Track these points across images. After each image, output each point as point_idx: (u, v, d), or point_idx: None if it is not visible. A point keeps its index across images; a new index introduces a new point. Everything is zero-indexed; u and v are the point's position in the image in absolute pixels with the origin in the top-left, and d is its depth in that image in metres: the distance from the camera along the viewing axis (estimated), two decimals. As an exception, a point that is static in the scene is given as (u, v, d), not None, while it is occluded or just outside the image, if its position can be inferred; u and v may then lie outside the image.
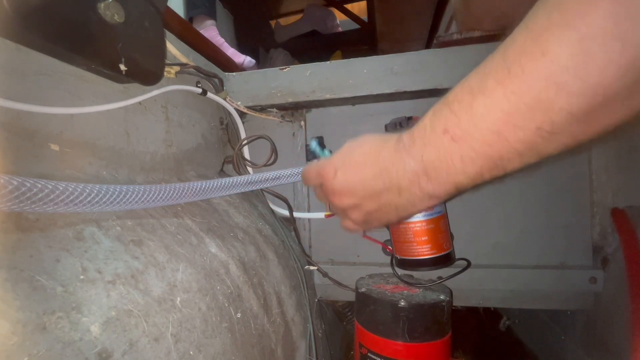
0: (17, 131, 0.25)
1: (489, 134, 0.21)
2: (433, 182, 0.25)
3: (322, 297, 0.61)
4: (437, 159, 0.24)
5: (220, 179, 0.41)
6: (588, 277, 0.50)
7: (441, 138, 0.23)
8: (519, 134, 0.20)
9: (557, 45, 0.17)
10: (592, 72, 0.16)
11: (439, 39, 0.60)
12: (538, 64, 0.18)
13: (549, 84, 0.18)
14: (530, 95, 0.18)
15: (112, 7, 0.28)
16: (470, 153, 0.22)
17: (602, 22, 0.15)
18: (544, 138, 0.19)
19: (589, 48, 0.16)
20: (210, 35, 1.21)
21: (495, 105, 0.20)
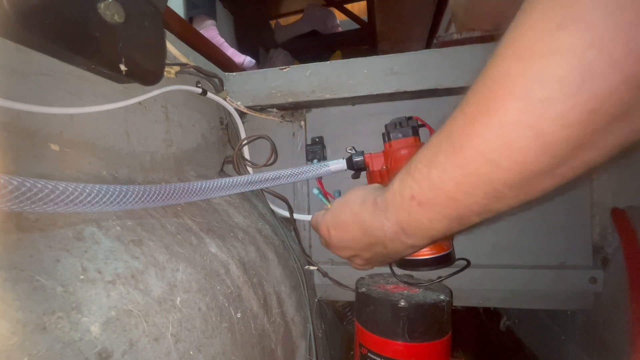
0: (17, 131, 0.25)
1: (447, 199, 0.24)
2: (411, 237, 0.29)
3: (322, 297, 0.61)
4: (410, 220, 0.27)
5: (220, 179, 0.41)
6: (588, 277, 0.50)
7: (410, 203, 0.26)
8: (471, 199, 0.23)
9: (485, 130, 0.20)
10: (515, 154, 0.19)
11: (439, 39, 0.60)
12: (474, 143, 0.21)
13: (484, 160, 0.21)
14: (472, 168, 0.21)
15: (112, 7, 0.28)
16: (435, 215, 0.25)
17: (516, 113, 0.18)
18: (493, 201, 0.22)
19: (509, 133, 0.19)
20: (210, 35, 1.21)
21: (448, 176, 0.23)
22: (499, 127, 0.19)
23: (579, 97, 0.16)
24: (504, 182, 0.21)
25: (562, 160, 0.19)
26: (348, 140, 0.57)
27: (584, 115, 0.17)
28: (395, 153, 0.46)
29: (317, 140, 0.57)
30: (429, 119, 0.48)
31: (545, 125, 0.18)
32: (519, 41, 0.18)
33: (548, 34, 0.17)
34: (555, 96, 0.17)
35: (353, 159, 0.48)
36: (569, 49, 0.16)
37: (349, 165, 0.49)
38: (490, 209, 0.23)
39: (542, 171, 0.20)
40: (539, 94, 0.17)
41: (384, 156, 0.47)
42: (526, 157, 0.19)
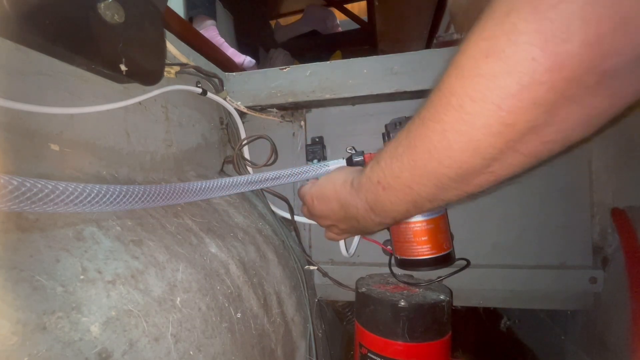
0: (17, 131, 0.25)
1: (404, 187, 0.28)
2: (378, 215, 0.34)
3: (322, 297, 0.61)
4: (376, 201, 0.32)
5: (220, 179, 0.41)
6: (588, 277, 0.50)
7: (376, 187, 0.31)
8: (423, 188, 0.27)
9: (432, 133, 0.24)
10: (453, 154, 0.23)
11: (439, 39, 0.60)
12: (424, 143, 0.25)
13: (431, 158, 0.25)
14: (422, 163, 0.26)
15: (112, 7, 0.28)
16: (395, 199, 0.30)
17: (454, 122, 0.22)
18: (440, 191, 0.27)
19: (449, 138, 0.23)
20: (210, 35, 1.21)
21: (404, 167, 0.27)
22: (442, 132, 0.23)
23: (498, 113, 0.20)
24: (447, 176, 0.25)
25: (490, 161, 0.23)
26: (348, 140, 0.57)
27: (502, 128, 0.21)
28: (395, 153, 0.46)
29: (317, 140, 0.57)
30: (429, 119, 0.48)
31: (474, 133, 0.22)
32: (459, 63, 0.22)
33: (477, 61, 0.21)
34: (480, 111, 0.21)
35: (353, 159, 0.48)
36: (491, 74, 0.20)
37: (349, 165, 0.49)
38: (440, 197, 0.28)
39: (475, 169, 0.24)
40: (471, 108, 0.21)
41: (384, 156, 0.47)
42: (461, 157, 0.23)
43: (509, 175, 0.24)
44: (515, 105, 0.20)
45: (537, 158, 0.23)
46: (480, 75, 0.20)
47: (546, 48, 0.18)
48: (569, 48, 0.17)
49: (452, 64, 0.23)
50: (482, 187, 0.26)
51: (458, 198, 0.28)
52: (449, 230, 0.48)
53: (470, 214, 0.54)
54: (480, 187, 0.26)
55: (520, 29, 0.18)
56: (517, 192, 0.52)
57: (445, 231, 0.46)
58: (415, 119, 0.26)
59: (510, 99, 0.19)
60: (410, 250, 0.45)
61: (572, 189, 0.51)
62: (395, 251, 0.48)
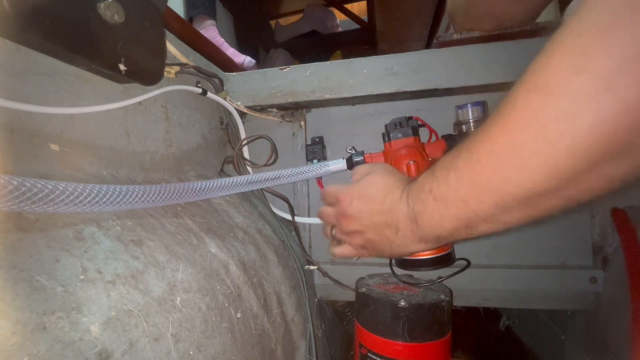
0: (17, 131, 0.25)
1: (459, 200, 0.26)
2: (420, 229, 0.31)
3: (322, 297, 0.61)
4: (423, 211, 0.30)
5: (220, 179, 0.41)
6: (588, 277, 0.50)
7: (427, 196, 0.29)
8: (480, 205, 0.25)
9: (502, 148, 0.23)
10: (525, 173, 0.22)
11: (439, 39, 0.60)
12: (491, 159, 0.23)
13: (497, 174, 0.23)
14: (486, 179, 0.24)
15: (112, 7, 0.28)
16: (446, 212, 0.28)
17: (532, 140, 0.21)
18: (501, 211, 0.24)
19: (523, 155, 0.21)
20: (210, 35, 1.21)
21: (463, 181, 0.26)
22: (515, 151, 0.22)
23: (588, 135, 0.18)
24: (513, 196, 0.23)
25: (566, 184, 0.21)
26: (348, 140, 0.57)
27: (592, 150, 0.19)
28: (395, 153, 0.46)
29: (317, 140, 0.57)
30: (429, 119, 0.48)
31: (555, 154, 0.20)
32: (540, 78, 0.20)
33: (565, 77, 0.19)
34: (567, 132, 0.19)
35: (353, 159, 0.48)
36: (585, 92, 0.18)
37: (349, 165, 0.49)
38: (498, 219, 0.25)
39: (547, 191, 0.22)
40: (555, 127, 0.19)
41: (384, 156, 0.47)
42: (535, 177, 0.21)
43: (586, 199, 0.22)
44: (612, 126, 0.18)
45: (624, 182, 0.21)
46: (570, 94, 0.19)
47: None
48: None
49: (531, 78, 0.21)
50: (549, 211, 0.24)
51: (519, 222, 0.25)
52: (449, 230, 0.48)
53: (470, 214, 0.54)
54: (547, 211, 0.24)
55: (626, 43, 0.16)
56: (517, 192, 0.52)
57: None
58: (480, 134, 0.24)
59: (607, 120, 0.18)
60: (410, 250, 0.45)
61: None
62: (395, 251, 0.48)
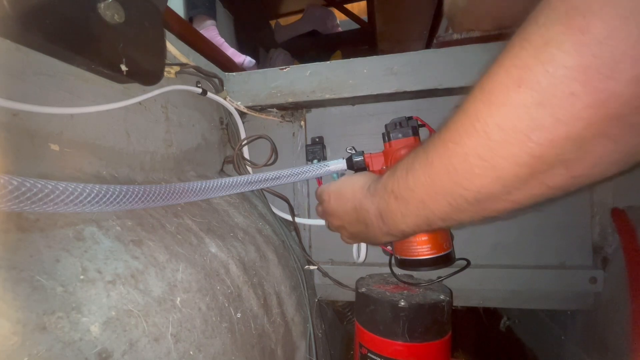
0: (17, 131, 0.25)
1: (417, 201, 0.28)
2: (386, 225, 0.34)
3: (322, 297, 0.61)
4: (386, 209, 0.32)
5: (220, 179, 0.41)
6: (588, 277, 0.50)
7: (389, 196, 0.31)
8: (437, 206, 0.27)
9: (452, 154, 0.24)
10: (473, 178, 0.23)
11: (439, 39, 0.60)
12: (443, 163, 0.25)
13: (449, 178, 0.25)
14: (440, 182, 0.26)
15: (112, 7, 0.28)
16: (406, 211, 0.30)
17: (478, 148, 0.22)
18: (455, 211, 0.26)
19: (470, 162, 0.23)
20: (210, 35, 1.21)
21: (420, 182, 0.27)
22: (463, 155, 0.23)
23: (527, 144, 0.20)
24: (464, 198, 0.25)
25: (511, 189, 0.22)
26: (348, 140, 0.57)
27: (529, 159, 0.20)
28: (395, 153, 0.46)
29: (317, 140, 0.57)
30: (429, 119, 0.48)
31: (499, 162, 0.21)
32: (487, 87, 0.21)
33: (509, 89, 0.20)
34: (508, 140, 0.20)
35: (353, 159, 0.48)
36: (523, 104, 0.19)
37: (349, 165, 0.49)
38: (453, 217, 0.27)
39: (494, 196, 0.23)
40: (497, 136, 0.21)
41: (383, 156, 0.47)
42: (481, 182, 0.23)
43: (530, 204, 0.24)
44: (547, 138, 0.19)
45: (563, 190, 0.22)
46: (510, 104, 0.20)
47: (588, 84, 0.17)
48: (614, 86, 0.16)
49: (479, 87, 0.22)
50: (499, 212, 0.25)
51: (472, 220, 0.27)
52: (449, 230, 0.48)
53: (470, 214, 0.54)
54: (497, 212, 0.25)
55: (559, 60, 0.17)
56: (517, 192, 0.52)
57: (445, 231, 0.46)
58: (435, 137, 0.26)
59: (542, 132, 0.19)
60: (410, 250, 0.45)
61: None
62: (396, 251, 0.48)
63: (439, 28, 1.32)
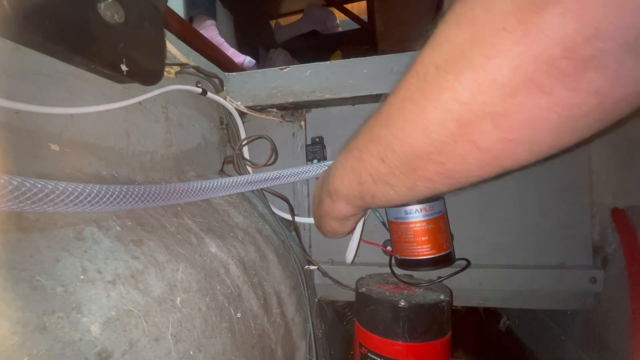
0: (17, 131, 0.25)
1: (355, 149, 0.30)
2: (325, 184, 0.38)
3: (322, 297, 0.61)
4: (327, 171, 0.37)
5: (220, 179, 0.41)
6: (588, 277, 0.50)
7: (338, 156, 0.35)
8: (368, 156, 0.28)
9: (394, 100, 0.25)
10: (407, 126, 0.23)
11: (439, 39, 0.60)
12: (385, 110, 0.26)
13: (386, 123, 0.25)
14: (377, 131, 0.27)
15: (112, 7, 0.28)
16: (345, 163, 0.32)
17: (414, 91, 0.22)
18: (386, 169, 0.27)
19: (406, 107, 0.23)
20: (210, 35, 1.21)
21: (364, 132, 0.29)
22: (402, 100, 0.24)
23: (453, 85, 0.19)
24: (393, 150, 0.25)
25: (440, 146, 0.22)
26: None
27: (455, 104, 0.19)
28: (395, 153, 0.46)
29: (317, 140, 0.57)
30: (429, 119, 0.48)
31: (427, 105, 0.21)
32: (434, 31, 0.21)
33: (448, 29, 0.19)
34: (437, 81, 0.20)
35: (353, 159, 0.48)
36: (458, 42, 0.19)
37: (349, 165, 0.49)
38: (384, 179, 0.27)
39: (422, 152, 0.23)
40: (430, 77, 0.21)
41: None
42: (412, 133, 0.23)
43: (462, 172, 0.22)
44: (475, 80, 0.17)
45: (495, 158, 0.20)
46: (447, 42, 0.19)
47: (520, 16, 0.15)
48: (548, 19, 0.14)
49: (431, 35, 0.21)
50: (430, 180, 0.24)
51: (406, 190, 0.26)
52: (449, 230, 0.48)
53: (471, 214, 0.54)
54: (428, 180, 0.24)
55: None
56: (517, 192, 0.52)
57: (445, 231, 0.46)
58: (364, 128, 0.28)
59: (471, 72, 0.17)
60: (410, 250, 0.45)
61: (572, 189, 0.51)
62: (395, 251, 0.48)
63: (439, 28, 1.32)
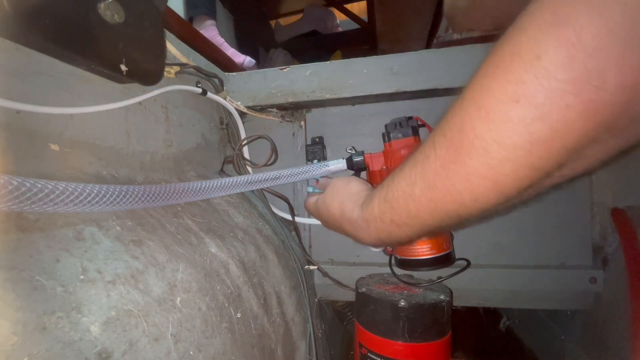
0: (17, 131, 0.25)
1: (421, 225, 0.29)
2: (387, 243, 0.36)
3: (322, 297, 0.61)
4: (389, 237, 0.33)
5: (220, 179, 0.41)
6: (588, 277, 0.50)
7: (390, 225, 0.32)
8: (439, 222, 0.28)
9: (454, 175, 0.24)
10: (478, 197, 0.24)
11: (439, 39, 0.60)
12: (445, 185, 0.25)
13: (452, 200, 0.25)
14: (443, 205, 0.26)
15: (112, 7, 0.28)
16: (410, 232, 0.31)
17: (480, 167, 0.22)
18: (456, 224, 0.28)
19: (473, 181, 0.23)
20: (210, 35, 1.21)
21: (422, 208, 0.28)
22: (465, 176, 0.23)
23: (528, 159, 0.20)
24: (468, 214, 0.26)
25: (511, 198, 0.24)
26: (348, 140, 0.57)
27: (531, 172, 0.21)
28: (395, 153, 0.46)
29: (317, 140, 0.57)
30: (429, 119, 0.48)
31: (500, 178, 0.22)
32: (484, 105, 0.21)
33: (506, 105, 0.20)
34: (509, 157, 0.21)
35: (353, 159, 0.48)
36: (521, 120, 0.20)
37: (349, 165, 0.49)
38: (455, 226, 0.30)
39: (494, 206, 0.25)
40: (496, 153, 0.21)
41: (384, 156, 0.47)
42: (486, 200, 0.24)
43: (523, 202, 0.25)
44: (546, 150, 0.20)
45: (553, 187, 0.24)
46: (509, 121, 0.20)
47: (581, 95, 0.18)
48: (605, 96, 0.17)
49: (474, 102, 0.22)
50: (494, 215, 0.28)
51: (470, 224, 0.30)
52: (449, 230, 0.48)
53: (470, 214, 0.54)
54: (493, 215, 0.28)
55: (553, 75, 0.18)
56: (517, 192, 0.52)
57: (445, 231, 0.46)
58: (430, 155, 0.26)
59: (541, 145, 0.20)
60: (410, 250, 0.45)
61: (572, 189, 0.51)
62: (396, 251, 0.48)
63: (439, 28, 1.32)
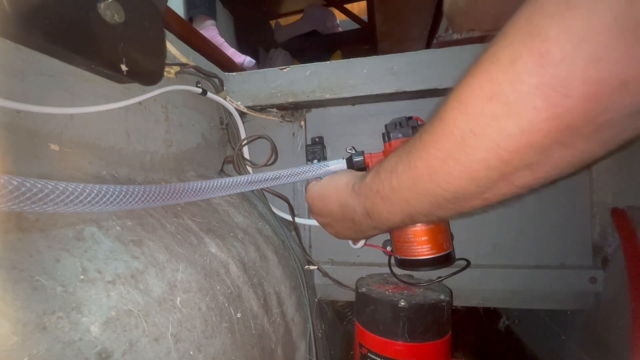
0: (17, 131, 0.25)
1: (401, 200, 0.31)
2: (374, 221, 0.36)
3: (322, 297, 0.61)
4: (373, 208, 0.35)
5: (220, 179, 0.41)
6: (588, 277, 0.50)
7: (375, 195, 0.34)
8: (419, 204, 0.30)
9: (433, 158, 0.27)
10: (451, 179, 0.26)
11: (439, 39, 0.60)
12: (425, 165, 0.27)
13: (430, 180, 0.27)
14: (422, 183, 0.28)
15: (112, 7, 0.28)
16: (391, 209, 0.33)
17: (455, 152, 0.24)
18: (435, 208, 0.29)
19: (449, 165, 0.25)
20: (210, 35, 1.21)
21: (403, 184, 0.30)
22: (443, 159, 0.26)
23: (497, 150, 0.22)
24: (443, 197, 0.27)
25: (484, 189, 0.25)
26: (348, 140, 0.57)
27: (498, 163, 0.23)
28: (395, 153, 0.46)
29: (317, 140, 0.57)
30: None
31: (472, 165, 0.24)
32: (464, 99, 0.24)
33: (482, 101, 0.22)
34: (480, 146, 0.23)
35: (353, 159, 0.48)
36: (493, 115, 0.22)
37: (349, 165, 0.49)
38: (434, 213, 0.30)
39: (469, 194, 0.26)
40: (471, 141, 0.23)
41: (384, 156, 0.47)
42: (458, 183, 0.25)
43: (500, 201, 0.27)
44: (513, 145, 0.22)
45: (528, 189, 0.25)
46: (483, 115, 0.22)
47: (547, 100, 0.19)
48: (568, 103, 0.19)
49: (456, 97, 0.24)
50: (474, 209, 0.28)
51: (451, 215, 0.30)
52: (449, 230, 0.48)
53: (470, 214, 0.54)
54: (472, 208, 0.28)
55: (524, 79, 0.20)
56: (517, 192, 0.52)
57: (445, 231, 0.46)
58: (416, 140, 0.28)
59: (509, 140, 0.22)
60: (410, 250, 0.45)
61: (572, 189, 0.51)
62: (395, 251, 0.48)
63: (439, 28, 1.32)
